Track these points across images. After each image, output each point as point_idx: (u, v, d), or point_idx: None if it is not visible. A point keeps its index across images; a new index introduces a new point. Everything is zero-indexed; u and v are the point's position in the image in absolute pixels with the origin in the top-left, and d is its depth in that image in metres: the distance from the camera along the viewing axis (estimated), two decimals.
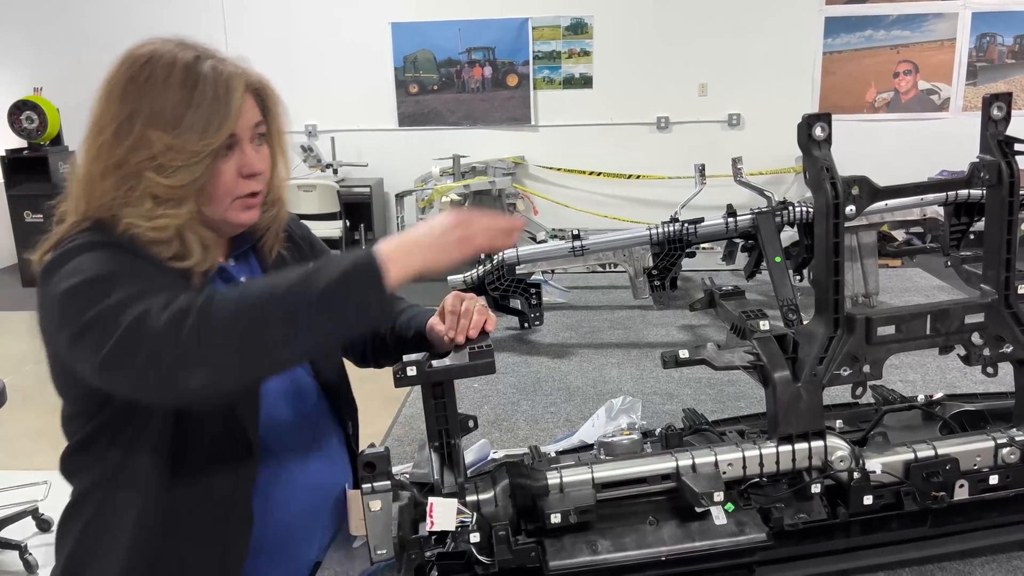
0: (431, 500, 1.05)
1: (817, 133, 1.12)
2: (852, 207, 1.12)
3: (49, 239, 1.13)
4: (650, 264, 2.34)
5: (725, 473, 1.13)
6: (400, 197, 6.73)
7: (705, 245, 2.38)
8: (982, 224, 1.22)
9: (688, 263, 2.39)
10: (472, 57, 7.22)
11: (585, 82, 7.16)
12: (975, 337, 1.18)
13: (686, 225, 2.26)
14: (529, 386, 1.98)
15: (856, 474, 1.13)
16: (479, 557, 1.06)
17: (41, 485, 3.36)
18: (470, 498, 1.08)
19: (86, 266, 1.03)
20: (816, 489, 1.14)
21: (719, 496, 1.07)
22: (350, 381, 1.43)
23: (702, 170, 2.54)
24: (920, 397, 1.39)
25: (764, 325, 1.24)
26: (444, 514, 1.04)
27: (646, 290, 2.36)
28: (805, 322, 1.40)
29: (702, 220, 2.28)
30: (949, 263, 2.21)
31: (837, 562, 1.16)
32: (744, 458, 1.14)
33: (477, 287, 2.29)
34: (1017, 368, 1.22)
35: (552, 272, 2.63)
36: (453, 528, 1.05)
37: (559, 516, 1.07)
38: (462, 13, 7.08)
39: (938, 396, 1.39)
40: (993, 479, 1.17)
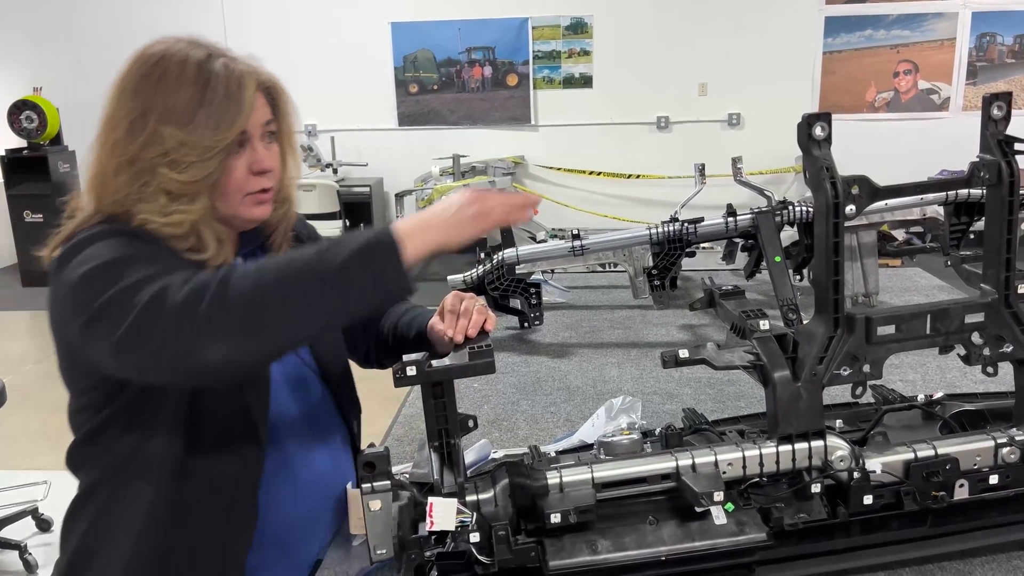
0: (431, 500, 1.05)
1: (817, 132, 1.12)
2: (852, 207, 1.12)
3: (60, 234, 1.14)
4: (650, 264, 2.34)
5: (725, 473, 1.13)
6: (400, 197, 6.73)
7: (705, 245, 2.38)
8: (982, 224, 1.22)
9: (688, 263, 2.39)
10: (472, 57, 7.22)
11: (585, 82, 7.16)
12: (975, 337, 1.17)
13: (686, 225, 2.26)
14: (529, 386, 1.98)
15: (856, 474, 1.13)
16: (479, 557, 1.06)
17: (41, 485, 3.36)
18: (470, 498, 1.08)
19: (102, 252, 1.03)
20: (816, 489, 1.14)
21: (719, 496, 1.07)
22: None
23: (702, 170, 2.54)
24: (920, 397, 1.39)
25: (764, 325, 1.24)
26: (444, 514, 1.04)
27: (646, 290, 2.36)
28: (805, 322, 1.40)
29: (702, 220, 2.28)
30: (949, 263, 2.21)
31: (837, 562, 1.16)
32: (744, 458, 1.14)
33: (477, 287, 2.29)
34: (1017, 368, 1.21)
35: (552, 272, 2.63)
36: (453, 528, 1.05)
37: (559, 516, 1.07)
38: (462, 13, 7.09)
39: (938, 396, 1.39)
40: (993, 479, 1.17)
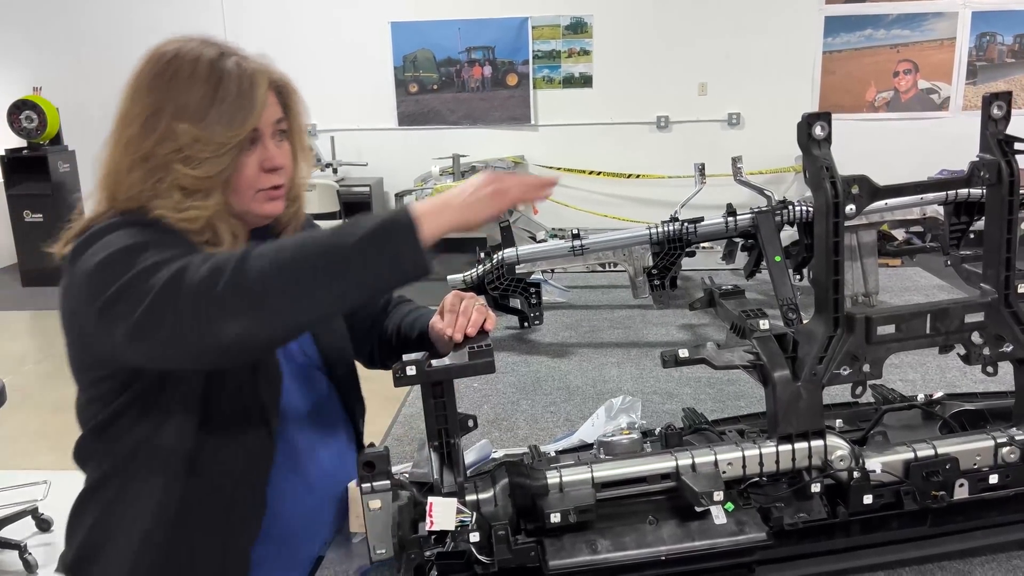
0: (430, 500, 1.05)
1: (817, 132, 1.12)
2: (852, 206, 1.12)
3: (71, 229, 1.15)
4: (650, 263, 2.34)
5: (725, 472, 1.13)
6: (400, 196, 6.73)
7: (705, 244, 2.37)
8: (982, 223, 1.22)
9: (688, 262, 2.39)
10: (472, 56, 7.22)
11: (585, 81, 7.16)
12: (975, 336, 1.17)
13: (686, 224, 2.26)
14: (529, 385, 1.98)
15: (856, 473, 1.13)
16: (479, 557, 1.06)
17: (41, 485, 3.37)
18: (469, 497, 1.08)
19: (119, 240, 1.04)
20: (816, 488, 1.14)
21: (719, 495, 1.07)
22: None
23: (702, 169, 2.54)
24: (920, 396, 1.39)
25: (764, 324, 1.24)
26: (443, 514, 1.04)
27: (646, 289, 2.36)
28: (805, 321, 1.40)
29: (702, 219, 2.28)
30: (949, 262, 2.21)
31: (837, 561, 1.16)
32: (744, 457, 1.14)
33: (477, 286, 2.29)
34: (1017, 367, 1.21)
35: (552, 271, 2.63)
36: (453, 528, 1.05)
37: (559, 515, 1.07)
38: (462, 12, 7.09)
39: (938, 395, 1.39)
40: (993, 478, 1.17)
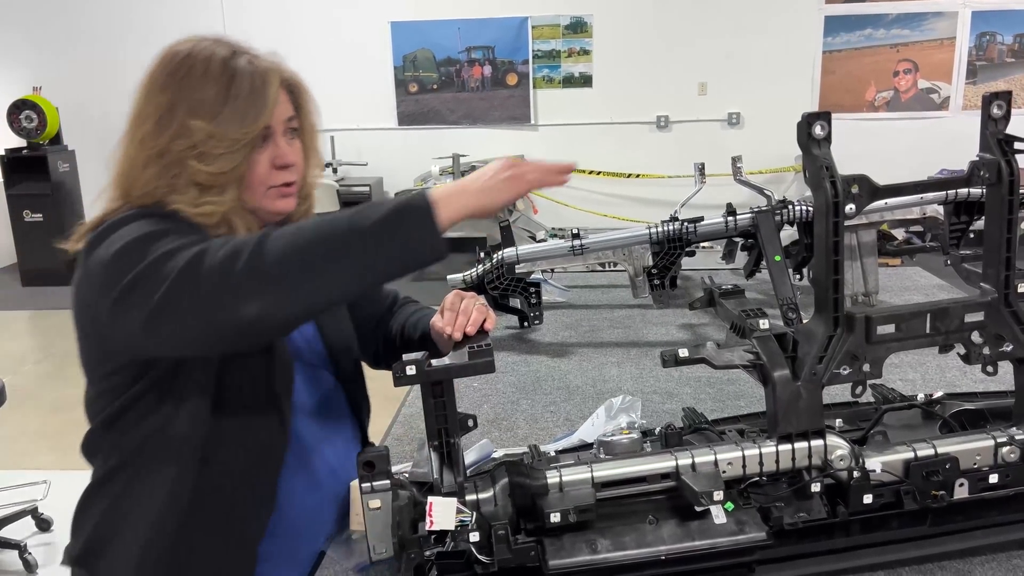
0: (430, 499, 1.05)
1: (817, 132, 1.12)
2: (852, 206, 1.12)
3: (86, 223, 1.15)
4: (650, 263, 2.33)
5: (725, 472, 1.13)
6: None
7: (705, 244, 2.37)
8: (982, 223, 1.22)
9: (688, 262, 2.39)
10: (472, 56, 7.21)
11: (585, 81, 7.16)
12: (975, 336, 1.17)
13: (686, 224, 2.26)
14: (529, 385, 1.98)
15: (856, 473, 1.13)
16: (479, 556, 1.06)
17: (41, 485, 3.37)
18: (469, 497, 1.08)
19: (136, 229, 1.05)
20: (816, 488, 1.14)
21: (719, 495, 1.07)
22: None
23: (702, 169, 2.54)
24: (920, 396, 1.39)
25: (764, 324, 1.24)
26: (443, 513, 1.04)
27: (646, 289, 2.36)
28: (805, 321, 1.40)
29: (702, 219, 2.28)
30: (949, 262, 2.21)
31: (837, 561, 1.16)
32: (744, 457, 1.14)
33: (477, 286, 2.29)
34: (1017, 367, 1.21)
35: (552, 271, 2.63)
36: (452, 527, 1.05)
37: (559, 515, 1.07)
38: (462, 12, 7.08)
39: (938, 395, 1.39)
40: (993, 478, 1.17)
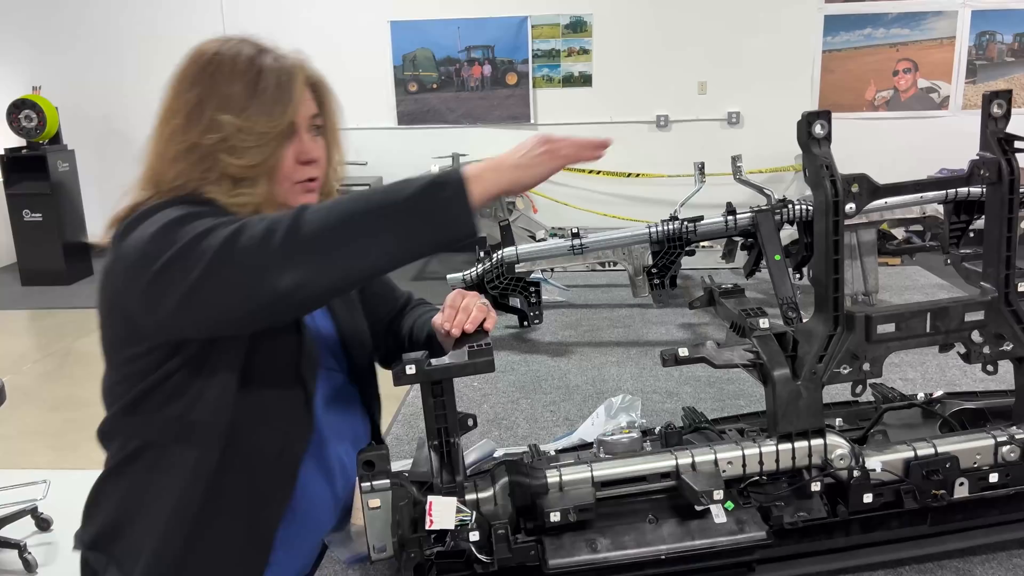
0: (430, 499, 1.05)
1: (817, 131, 1.12)
2: (852, 205, 1.12)
3: (116, 214, 1.16)
4: (649, 262, 2.34)
5: (725, 471, 1.13)
6: None
7: (704, 243, 2.37)
8: (982, 222, 1.22)
9: (688, 261, 2.39)
10: (471, 55, 7.21)
11: (584, 80, 7.16)
12: (975, 335, 1.17)
13: (685, 223, 2.26)
14: (528, 385, 1.98)
15: (856, 472, 1.13)
16: (478, 556, 1.06)
17: (40, 484, 3.37)
18: (469, 497, 1.08)
19: (172, 212, 1.07)
20: (816, 487, 1.14)
21: (719, 494, 1.07)
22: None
23: (701, 168, 2.54)
24: (920, 395, 1.39)
25: (764, 323, 1.24)
26: (443, 513, 1.04)
27: (645, 288, 2.36)
28: (805, 320, 1.40)
29: (701, 218, 2.28)
30: (949, 261, 2.21)
31: (837, 560, 1.16)
32: (744, 456, 1.14)
33: (476, 286, 2.29)
34: (1017, 366, 1.21)
35: (551, 270, 2.63)
36: (452, 527, 1.05)
37: (558, 514, 1.07)
38: (461, 11, 7.08)
39: (938, 394, 1.39)
40: (993, 477, 1.17)
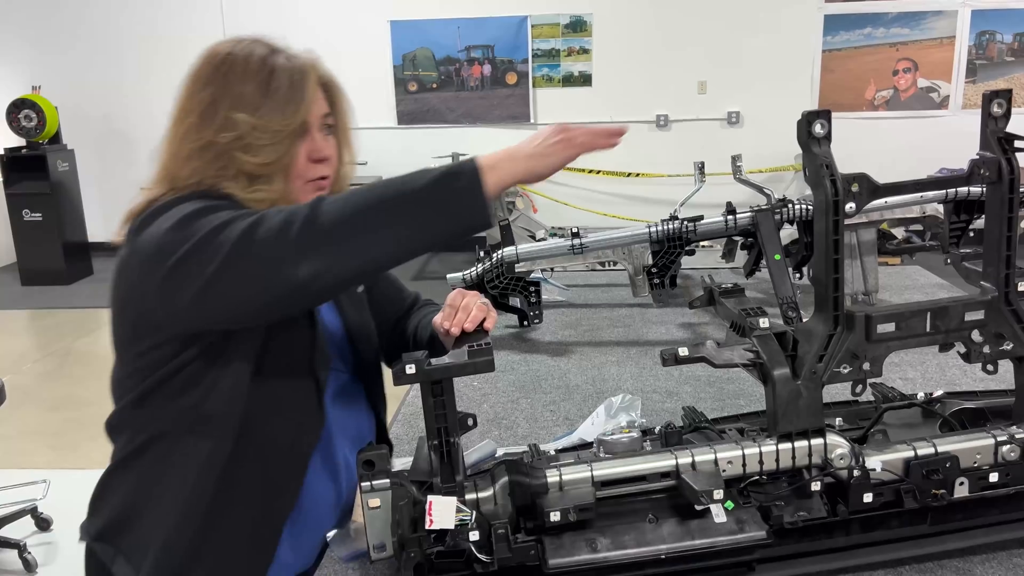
0: (430, 498, 1.05)
1: (817, 130, 1.12)
2: (852, 204, 1.12)
3: (132, 209, 1.17)
4: (649, 262, 2.34)
5: (725, 471, 1.13)
6: None
7: (704, 243, 2.38)
8: (982, 221, 1.22)
9: (687, 261, 2.39)
10: (471, 55, 7.21)
11: (584, 80, 7.16)
12: (975, 334, 1.17)
13: (685, 223, 2.26)
14: (528, 384, 1.98)
15: (856, 472, 1.13)
16: (478, 555, 1.06)
17: (40, 484, 3.37)
18: (469, 496, 1.08)
19: (189, 206, 1.08)
20: (816, 487, 1.14)
21: (719, 494, 1.07)
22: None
23: (701, 168, 2.54)
24: (920, 395, 1.39)
25: (764, 323, 1.23)
26: (443, 512, 1.04)
27: (645, 288, 2.36)
28: (805, 320, 1.40)
29: (701, 218, 2.28)
30: (949, 260, 2.20)
31: (837, 560, 1.16)
32: (744, 456, 1.14)
33: (476, 285, 2.29)
34: (1017, 365, 1.21)
35: (551, 270, 2.63)
36: (452, 526, 1.04)
37: (558, 514, 1.07)
38: (461, 11, 7.08)
39: (938, 394, 1.38)
40: (993, 477, 1.17)
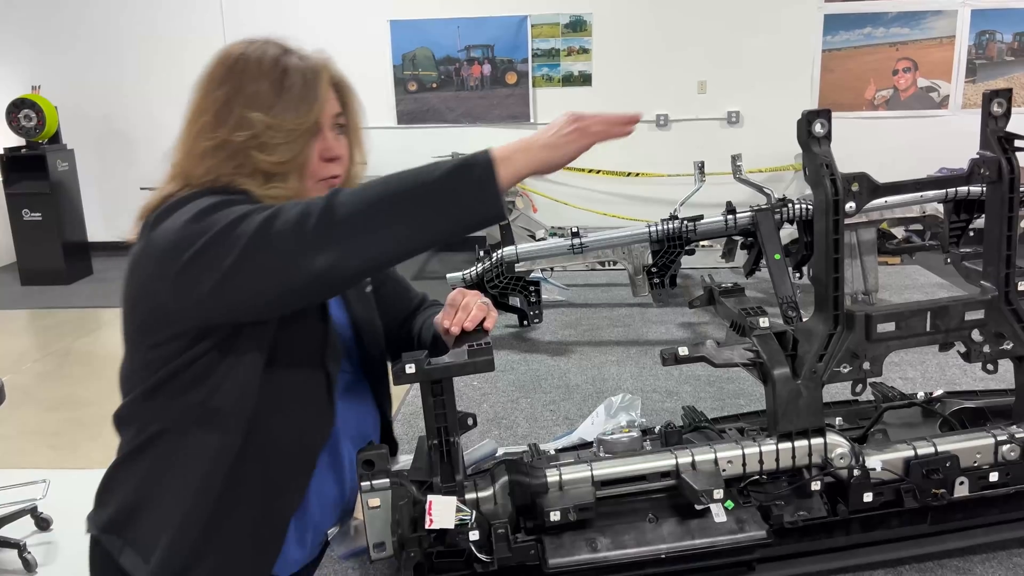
0: (430, 498, 1.05)
1: (817, 129, 1.12)
2: (852, 203, 1.12)
3: (147, 203, 1.17)
4: (649, 262, 2.34)
5: (725, 470, 1.13)
6: None
7: (704, 243, 2.38)
8: (982, 221, 1.22)
9: (687, 261, 2.39)
10: (471, 55, 7.21)
11: (584, 80, 7.16)
12: (975, 334, 1.17)
13: (685, 223, 2.26)
14: (528, 384, 1.98)
15: (856, 471, 1.13)
16: (478, 555, 1.06)
17: (40, 484, 3.36)
18: (469, 496, 1.08)
19: (206, 200, 1.08)
20: (816, 486, 1.14)
21: (719, 493, 1.07)
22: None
23: (701, 167, 2.54)
24: (920, 394, 1.39)
25: (764, 322, 1.24)
26: (443, 512, 1.04)
27: (645, 288, 2.36)
28: (805, 319, 1.40)
29: (701, 217, 2.28)
30: (949, 260, 2.20)
31: (837, 559, 1.16)
32: (744, 455, 1.14)
33: (476, 285, 2.29)
34: (1017, 365, 1.21)
35: (551, 270, 2.63)
36: (452, 526, 1.04)
37: (558, 514, 1.07)
38: (461, 11, 7.08)
39: (938, 393, 1.39)
40: (993, 476, 1.17)
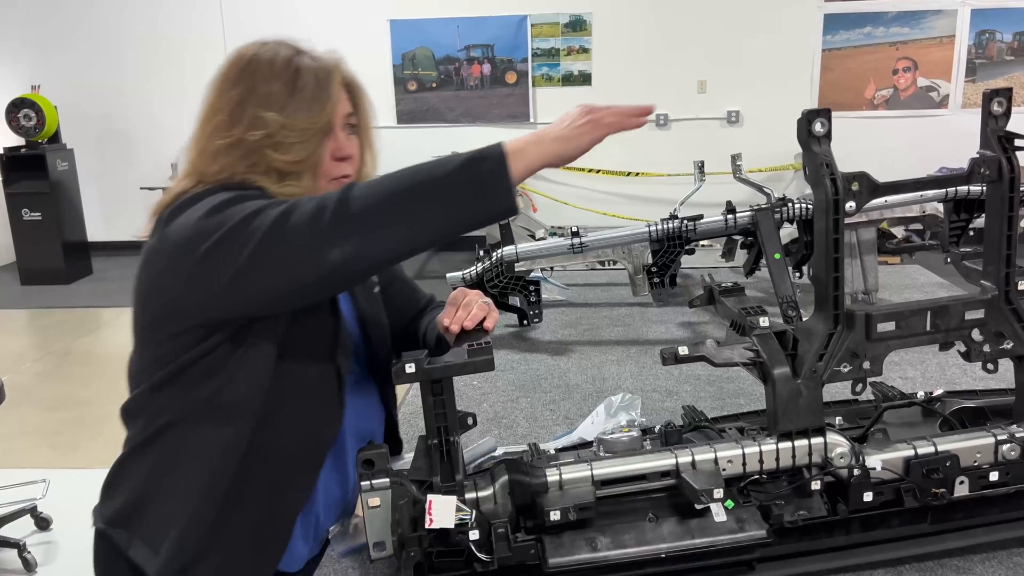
0: (430, 497, 1.05)
1: (817, 129, 1.12)
2: (852, 203, 1.12)
3: (160, 201, 1.18)
4: (649, 261, 2.34)
5: (725, 470, 1.13)
6: None
7: (704, 242, 2.38)
8: (982, 220, 1.22)
9: (687, 260, 2.39)
10: (471, 54, 7.21)
11: (584, 79, 7.16)
12: (975, 333, 1.17)
13: (685, 222, 2.26)
14: (528, 383, 1.98)
15: (856, 471, 1.13)
16: (478, 554, 1.06)
17: (40, 483, 3.36)
18: (469, 495, 1.08)
19: (221, 196, 1.09)
20: (816, 486, 1.14)
21: (719, 493, 1.07)
22: None
23: (701, 167, 2.54)
24: (920, 394, 1.39)
25: (764, 322, 1.23)
26: (443, 511, 1.04)
27: (645, 287, 2.36)
28: (805, 319, 1.40)
29: (701, 217, 2.28)
30: (949, 259, 2.20)
31: (837, 559, 1.16)
32: (744, 455, 1.14)
33: (476, 284, 2.28)
34: (1017, 364, 1.21)
35: (551, 269, 2.63)
36: (452, 525, 1.04)
37: (558, 513, 1.07)
38: (461, 10, 7.08)
39: (938, 393, 1.39)
40: (993, 475, 1.17)
